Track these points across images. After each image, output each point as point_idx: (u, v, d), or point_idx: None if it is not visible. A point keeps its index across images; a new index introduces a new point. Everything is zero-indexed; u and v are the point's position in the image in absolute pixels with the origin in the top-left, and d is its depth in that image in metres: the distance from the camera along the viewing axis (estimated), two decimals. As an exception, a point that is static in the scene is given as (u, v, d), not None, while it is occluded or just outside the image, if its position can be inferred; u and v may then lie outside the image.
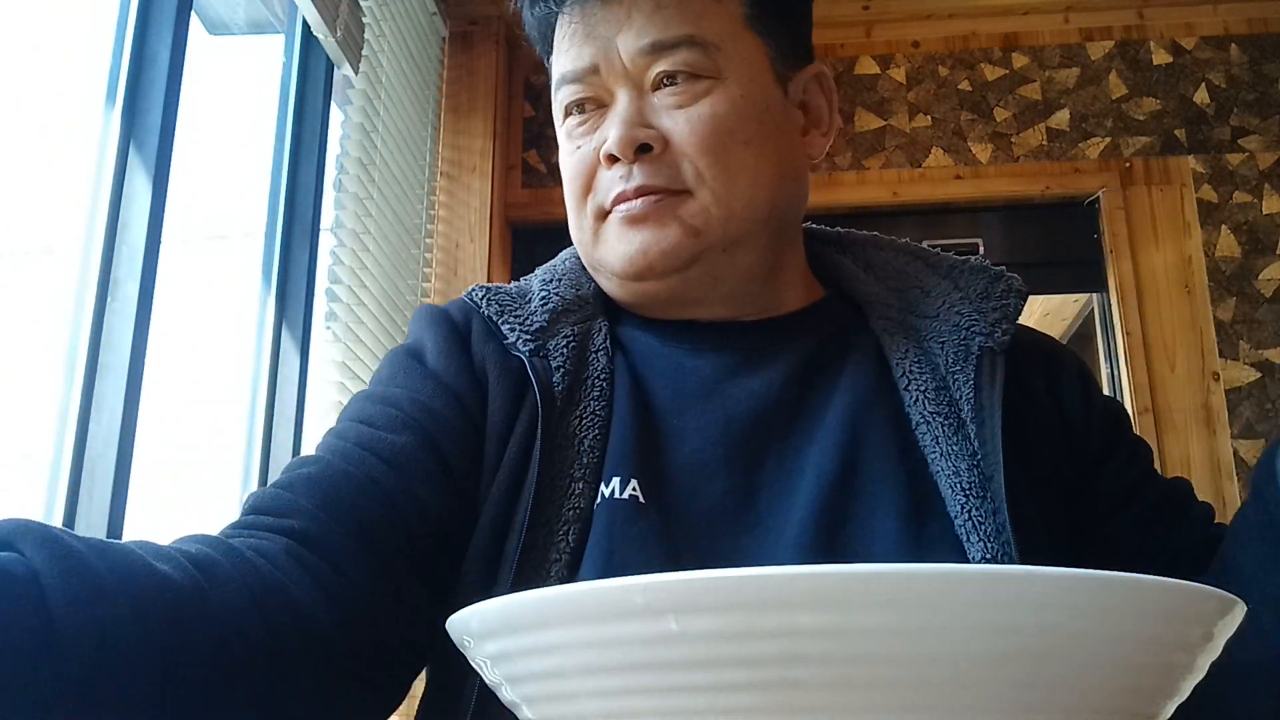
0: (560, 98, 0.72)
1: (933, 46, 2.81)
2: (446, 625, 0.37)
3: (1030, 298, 0.75)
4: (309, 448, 1.41)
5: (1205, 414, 2.49)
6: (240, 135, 2.16)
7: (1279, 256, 2.58)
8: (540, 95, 2.86)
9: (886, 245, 0.80)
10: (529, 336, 0.69)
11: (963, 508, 0.63)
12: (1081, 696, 0.30)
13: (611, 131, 0.67)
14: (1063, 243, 2.70)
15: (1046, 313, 3.47)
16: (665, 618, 0.29)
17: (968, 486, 0.63)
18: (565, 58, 0.70)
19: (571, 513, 0.63)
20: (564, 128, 0.72)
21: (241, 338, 1.92)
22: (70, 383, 1.35)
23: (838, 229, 0.83)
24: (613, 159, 0.68)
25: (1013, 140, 2.72)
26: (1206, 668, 0.33)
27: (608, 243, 0.69)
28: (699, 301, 0.72)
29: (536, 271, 0.77)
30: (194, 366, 1.95)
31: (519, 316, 0.70)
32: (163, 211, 1.51)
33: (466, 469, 0.65)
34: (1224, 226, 2.61)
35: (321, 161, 2.10)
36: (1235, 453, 2.45)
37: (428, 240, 2.57)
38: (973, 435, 0.66)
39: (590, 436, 0.65)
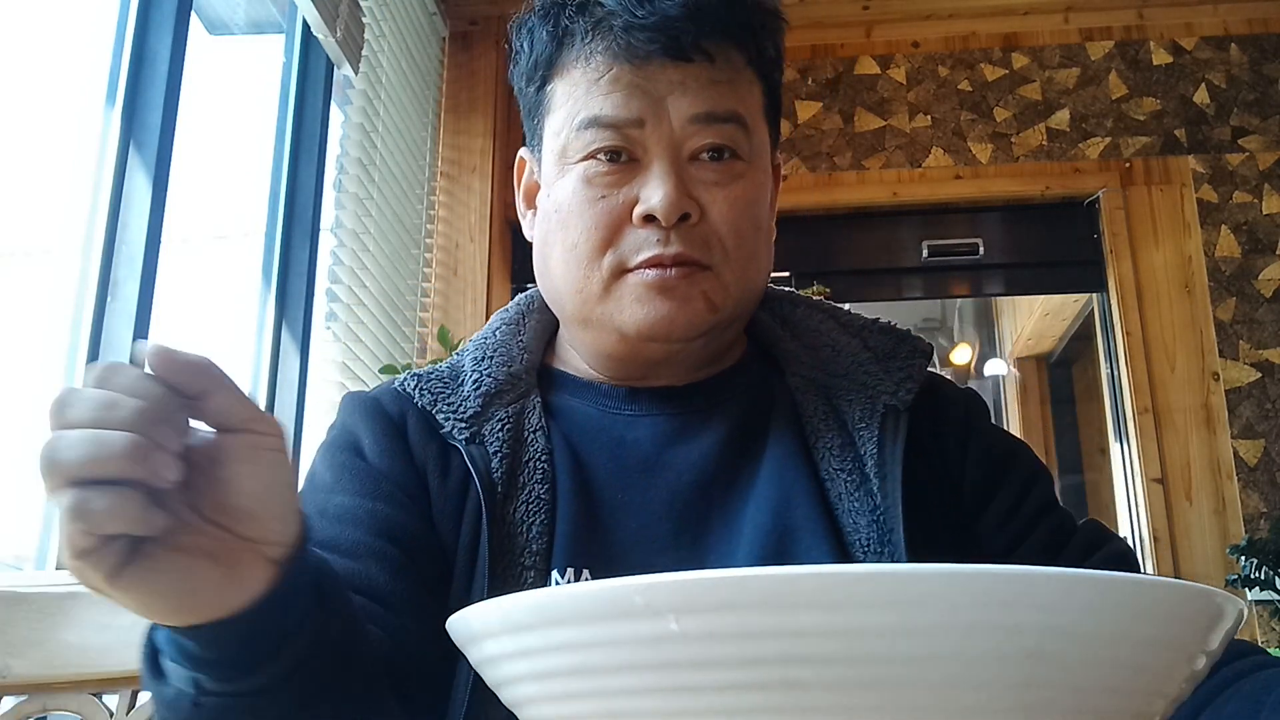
0: (588, 139, 0.69)
1: (933, 46, 2.81)
2: (447, 625, 0.37)
3: (1030, 298, 0.75)
4: (309, 448, 1.41)
5: (1205, 414, 2.49)
6: (240, 135, 2.16)
7: (1279, 256, 2.58)
8: (540, 95, 2.86)
9: (802, 302, 0.82)
10: (463, 424, 0.70)
11: (863, 560, 0.66)
12: (1082, 696, 0.30)
13: (658, 193, 0.66)
14: (1063, 243, 2.71)
15: (1046, 313, 3.46)
16: (665, 618, 0.29)
17: (866, 542, 0.67)
18: (605, 101, 0.68)
19: None
20: (578, 170, 0.69)
21: (241, 338, 1.92)
22: (70, 383, 1.35)
23: None
24: (650, 220, 0.67)
25: (1013, 140, 2.72)
26: (1207, 668, 0.33)
27: (621, 301, 0.68)
28: (674, 366, 0.73)
29: (468, 346, 0.77)
30: (194, 366, 1.95)
31: (451, 404, 0.71)
32: (163, 211, 1.51)
33: (427, 557, 0.67)
34: (1224, 226, 2.61)
35: (321, 161, 2.10)
36: (1235, 453, 2.45)
37: (428, 240, 2.57)
38: (875, 490, 0.68)
39: (537, 523, 0.67)
